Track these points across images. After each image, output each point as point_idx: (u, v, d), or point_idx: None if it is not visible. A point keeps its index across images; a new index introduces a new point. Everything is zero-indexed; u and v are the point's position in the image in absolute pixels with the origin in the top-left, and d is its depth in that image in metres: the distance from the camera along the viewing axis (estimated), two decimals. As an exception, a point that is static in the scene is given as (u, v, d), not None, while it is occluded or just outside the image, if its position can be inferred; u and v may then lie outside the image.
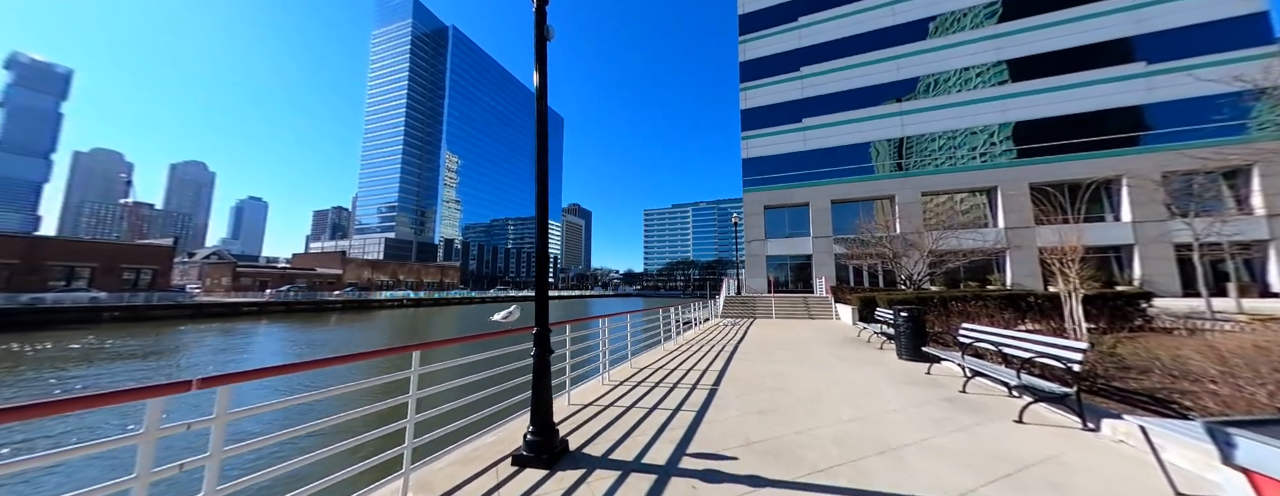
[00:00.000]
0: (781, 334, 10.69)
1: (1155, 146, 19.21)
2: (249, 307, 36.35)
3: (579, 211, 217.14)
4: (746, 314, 17.26)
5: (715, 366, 6.27)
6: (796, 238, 25.39)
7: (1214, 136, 18.55)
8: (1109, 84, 20.33)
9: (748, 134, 27.24)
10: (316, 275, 50.09)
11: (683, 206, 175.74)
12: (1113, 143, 20.27)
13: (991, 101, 22.14)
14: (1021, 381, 3.49)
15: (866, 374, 5.63)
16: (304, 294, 41.54)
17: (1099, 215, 20.75)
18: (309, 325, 28.80)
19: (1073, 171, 20.47)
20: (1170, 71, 19.41)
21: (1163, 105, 19.51)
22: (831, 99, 25.34)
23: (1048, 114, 21.12)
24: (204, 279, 43.73)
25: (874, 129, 24.26)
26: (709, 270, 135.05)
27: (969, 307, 8.59)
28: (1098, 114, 20.37)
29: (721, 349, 8.19)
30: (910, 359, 6.55)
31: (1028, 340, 3.98)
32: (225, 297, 38.46)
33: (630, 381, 5.29)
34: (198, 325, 27.65)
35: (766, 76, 27.20)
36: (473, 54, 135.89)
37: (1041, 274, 20.49)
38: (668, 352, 7.69)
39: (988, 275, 21.35)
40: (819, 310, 16.48)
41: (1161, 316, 8.87)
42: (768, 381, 5.19)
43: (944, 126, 22.84)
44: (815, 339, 9.56)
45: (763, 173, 26.44)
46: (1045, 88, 21.35)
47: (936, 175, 22.48)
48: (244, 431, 6.64)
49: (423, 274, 64.65)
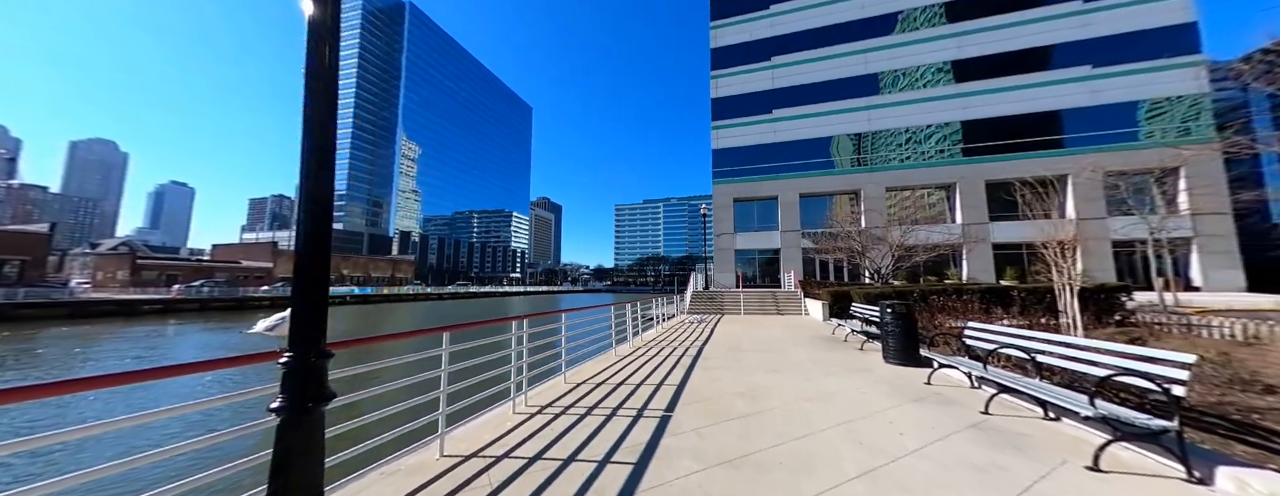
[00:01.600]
0: (751, 332, 9.65)
1: (1099, 147, 20.12)
2: (151, 306, 31.33)
3: (549, 205, 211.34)
4: (713, 310, 16.30)
5: (673, 378, 4.98)
6: (765, 231, 24.87)
7: (1149, 140, 19.66)
8: (1058, 86, 21.11)
9: (718, 124, 26.34)
10: (241, 269, 44.44)
11: (654, 202, 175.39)
12: (1062, 143, 21.09)
13: (953, 99, 22.48)
14: (1098, 411, 2.40)
15: (856, 386, 4.54)
16: (223, 290, 36.50)
17: (1046, 212, 21.57)
18: (222, 325, 24.89)
19: (1025, 169, 21.04)
20: (1111, 76, 20.37)
21: (1106, 108, 20.46)
22: (802, 90, 24.90)
23: (1004, 113, 21.68)
24: (96, 272, 37.38)
25: (842, 123, 24.07)
26: (680, 266, 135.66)
27: (950, 302, 7.88)
28: (1049, 114, 21.11)
29: (683, 352, 6.94)
30: (900, 362, 5.59)
31: (1083, 348, 2.95)
32: (120, 294, 32.94)
33: (556, 405, 3.87)
34: (78, 327, 23.14)
35: (738, 64, 26.36)
36: (433, 35, 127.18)
37: (995, 268, 21.10)
38: (619, 359, 6.33)
39: (945, 270, 21.73)
40: (788, 305, 15.79)
41: (1140, 310, 8.61)
42: (737, 403, 3.94)
43: (909, 122, 22.98)
44: (788, 338, 8.57)
45: (732, 164, 25.66)
46: (1001, 87, 21.90)
47: (901, 170, 22.61)
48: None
49: (371, 268, 59.51)
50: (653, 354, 6.83)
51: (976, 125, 22.17)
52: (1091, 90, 20.56)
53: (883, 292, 8.93)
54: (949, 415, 3.44)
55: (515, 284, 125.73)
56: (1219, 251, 18.07)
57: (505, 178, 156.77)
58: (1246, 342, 5.78)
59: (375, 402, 2.67)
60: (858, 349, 7.13)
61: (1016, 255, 21.29)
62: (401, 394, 2.82)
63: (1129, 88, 20.25)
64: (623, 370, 5.49)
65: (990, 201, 21.48)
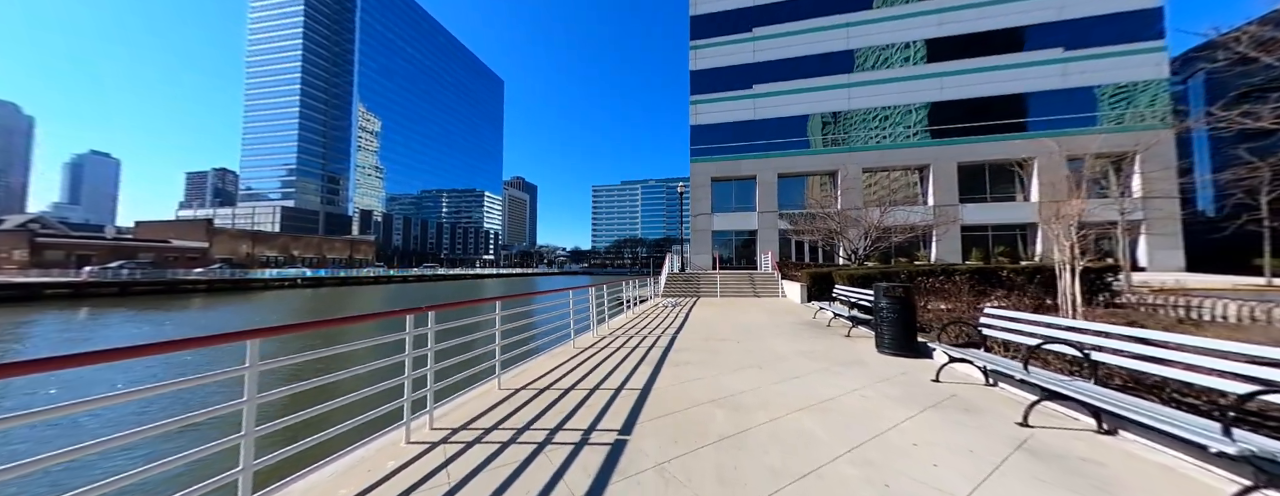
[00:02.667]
0: (728, 317, 8.93)
1: (1066, 130, 20.45)
2: (55, 290, 27.50)
3: (524, 186, 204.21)
4: (689, 292, 15.62)
5: (636, 380, 4.06)
6: (742, 212, 24.28)
7: (1114, 125, 20.10)
8: (1032, 67, 21.10)
9: (697, 98, 25.02)
10: (170, 249, 39.89)
11: (632, 184, 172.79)
12: (1031, 125, 21.31)
13: (929, 79, 22.14)
14: (1240, 448, 1.62)
15: (857, 387, 3.78)
16: (148, 272, 32.58)
17: (1011, 195, 22.07)
18: (139, 313, 21.94)
19: (996, 151, 21.30)
20: (1082, 59, 20.51)
21: (1075, 91, 20.69)
22: (783, 65, 23.86)
23: (978, 94, 21.59)
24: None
25: (822, 100, 23.36)
26: (657, 248, 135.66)
27: (940, 284, 7.36)
28: (1021, 96, 21.18)
29: (653, 343, 6.06)
30: (896, 352, 4.92)
31: (1165, 345, 2.20)
32: (16, 277, 28.67)
33: (477, 425, 2.86)
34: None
35: (719, 34, 24.87)
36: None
37: (962, 250, 21.50)
38: (576, 353, 5.36)
39: (915, 252, 21.99)
40: (765, 287, 15.31)
41: (1127, 291, 8.45)
42: (715, 416, 3.07)
43: (888, 101, 22.55)
44: (768, 324, 7.87)
45: (711, 142, 24.62)
46: (976, 67, 21.71)
47: (878, 151, 22.33)
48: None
49: (326, 248, 55.28)
50: (617, 346, 5.90)
51: (950, 106, 22.04)
52: (1062, 73, 20.68)
53: (866, 274, 8.35)
54: (983, 430, 2.69)
55: (488, 266, 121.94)
56: (1165, 233, 19.00)
57: (476, 156, 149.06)
58: (1248, 324, 5.49)
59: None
60: (844, 336, 6.48)
61: (982, 237, 21.79)
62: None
63: (1098, 71, 20.50)
64: (576, 369, 4.52)
65: (960, 183, 21.69)
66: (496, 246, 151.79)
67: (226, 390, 7.21)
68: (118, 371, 8.76)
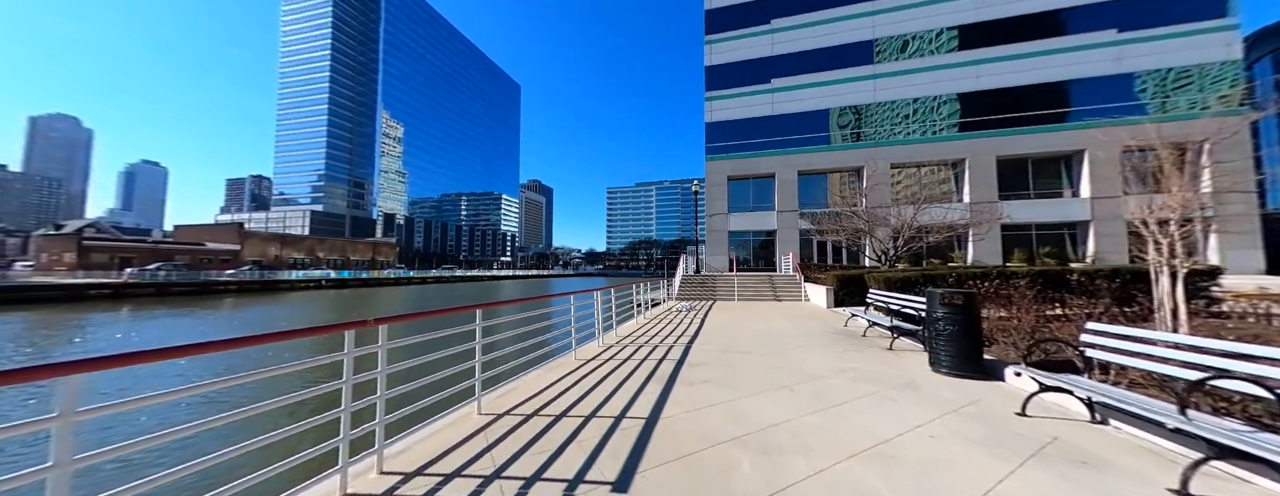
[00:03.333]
0: (748, 323, 8.15)
1: (1120, 119, 18.64)
2: (98, 290, 28.96)
3: (540, 188, 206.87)
4: (705, 295, 14.85)
5: (642, 405, 3.40)
6: (761, 211, 23.29)
7: (1177, 112, 18.20)
8: (1080, 52, 19.37)
9: (712, 94, 24.21)
10: (204, 251, 41.72)
11: (647, 185, 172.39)
12: (1078, 114, 19.56)
13: (964, 67, 20.65)
14: None
15: (920, 420, 3.01)
16: (183, 273, 34.05)
17: (1056, 191, 20.32)
18: (178, 311, 22.73)
19: (1041, 144, 19.66)
20: (1139, 42, 18.68)
21: (1129, 77, 18.87)
22: (803, 57, 22.78)
23: (1019, 82, 19.98)
24: (41, 255, 34.52)
25: (846, 93, 22.16)
26: (672, 249, 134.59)
27: (995, 288, 6.40)
28: (1067, 84, 19.47)
29: (664, 355, 5.38)
30: (956, 372, 4.09)
31: None
32: (65, 278, 30.40)
33: (442, 465, 2.27)
34: (7, 314, 20.88)
35: (735, 28, 24.00)
36: (412, 4, 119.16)
37: (1002, 251, 19.91)
38: (577, 366, 4.75)
39: (950, 252, 20.51)
40: (786, 291, 14.38)
41: (1228, 298, 7.25)
42: (739, 462, 2.38)
43: (917, 92, 21.17)
44: (795, 333, 7.07)
45: (727, 139, 23.74)
46: (1017, 54, 20.10)
47: (907, 145, 20.95)
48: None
49: (350, 250, 56.91)
50: (624, 357, 5.25)
51: (987, 96, 20.48)
52: (1116, 57, 18.89)
53: (906, 277, 7.42)
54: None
55: (505, 267, 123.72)
56: (1241, 231, 16.99)
57: (494, 159, 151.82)
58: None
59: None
60: (885, 348, 5.64)
61: (1024, 236, 20.12)
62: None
63: (1158, 54, 18.63)
64: (573, 388, 3.90)
65: (999, 179, 20.10)
66: (513, 248, 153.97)
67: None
68: (155, 370, 8.45)
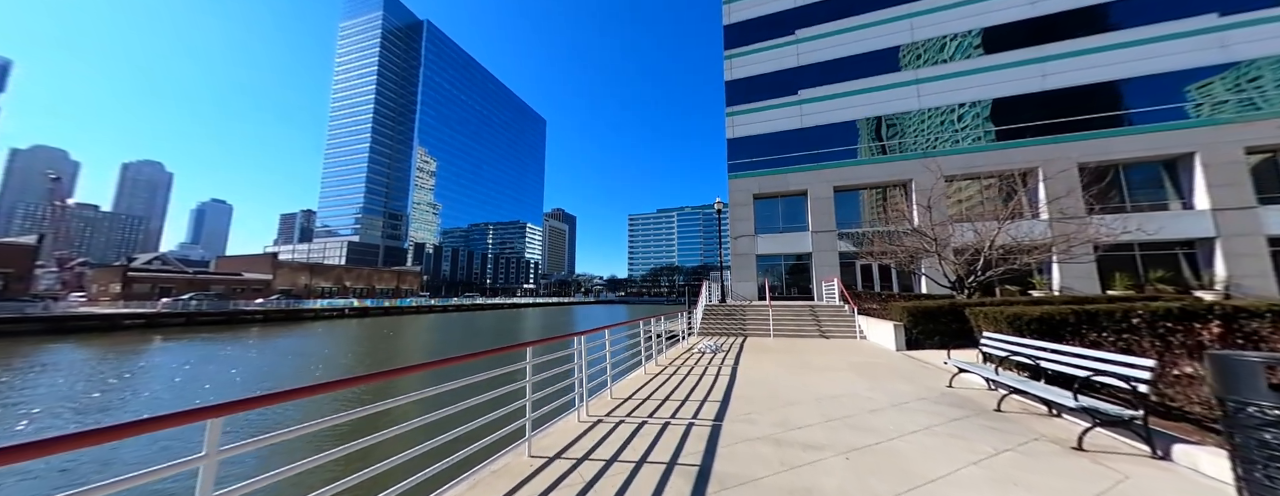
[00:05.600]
0: (800, 377, 5.85)
1: (1246, 113, 15.48)
2: (132, 320, 29.67)
3: (563, 216, 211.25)
4: (732, 329, 12.46)
5: None
6: (793, 232, 20.90)
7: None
8: (1171, 41, 16.65)
9: (734, 109, 22.80)
10: (239, 281, 43.14)
11: (668, 211, 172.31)
12: (1172, 113, 16.50)
13: (1028, 66, 18.26)
14: None
15: None
16: (213, 303, 34.81)
17: (1161, 203, 16.89)
18: (190, 339, 22.31)
19: (1136, 148, 16.61)
20: (1248, 24, 15.82)
21: (1235, 66, 15.86)
22: (833, 66, 21.16)
23: (1094, 79, 17.30)
24: (92, 286, 36.51)
25: (884, 100, 20.12)
26: (694, 275, 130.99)
27: (1190, 330, 3.90)
28: (1157, 78, 16.62)
29: (677, 446, 3.24)
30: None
31: None
32: (105, 309, 31.55)
33: None
34: (46, 344, 21.13)
35: (756, 41, 22.91)
36: (448, 50, 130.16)
37: (1099, 275, 16.41)
38: (535, 466, 2.71)
39: (1028, 278, 17.18)
40: (834, 325, 11.79)
41: None
42: None
43: (968, 96, 18.83)
44: (875, 396, 4.73)
45: (752, 155, 21.97)
46: (1092, 48, 17.58)
47: (965, 154, 18.33)
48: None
49: (375, 279, 57.87)
50: (612, 450, 3.16)
51: (1057, 97, 17.84)
52: (1220, 43, 16.03)
53: (1049, 316, 4.92)
54: None
55: (529, 295, 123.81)
56: None
57: (519, 190, 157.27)
58: None
59: None
60: (1072, 447, 3.25)
61: (1125, 257, 16.58)
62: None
63: (1270, 39, 15.65)
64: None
65: (1085, 190, 16.96)
66: (537, 275, 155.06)
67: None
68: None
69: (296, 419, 8.13)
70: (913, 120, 19.92)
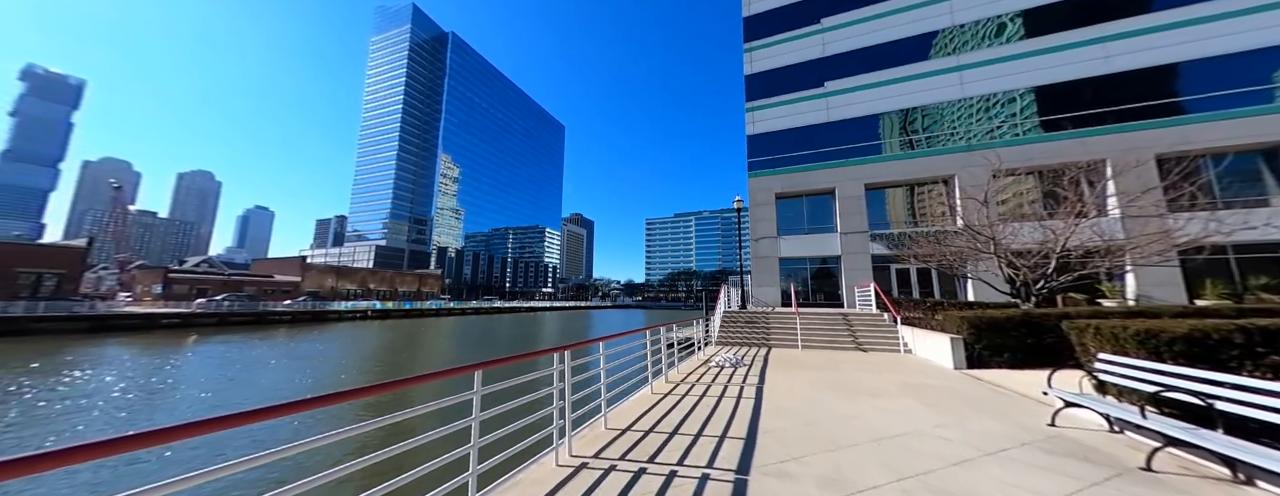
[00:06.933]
0: (844, 407, 4.69)
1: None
2: (169, 320, 30.93)
3: (581, 221, 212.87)
4: (754, 339, 11.25)
5: None
6: (819, 234, 19.41)
7: None
8: (1267, 12, 14.43)
9: (754, 104, 21.61)
10: (271, 282, 44.77)
11: (686, 215, 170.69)
12: (1259, 96, 14.23)
13: (1087, 46, 16.31)
14: None
15: None
16: (244, 303, 36.07)
17: (1260, 197, 14.56)
18: (222, 340, 22.82)
19: (1226, 135, 14.43)
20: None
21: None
22: (863, 55, 19.69)
23: (1178, 57, 15.19)
24: (136, 286, 38.61)
25: (921, 90, 18.49)
26: (712, 280, 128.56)
27: None
28: (1261, 53, 14.40)
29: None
30: None
31: None
32: (147, 308, 33.11)
33: None
34: (87, 344, 21.99)
35: (778, 32, 21.71)
36: (471, 60, 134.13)
37: (1184, 283, 14.23)
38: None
39: (1095, 285, 15.11)
40: (873, 337, 10.41)
41: None
42: None
43: (1019, 82, 16.99)
44: (949, 437, 3.55)
45: (774, 152, 20.68)
46: (1172, 23, 15.49)
47: (1020, 145, 16.44)
48: None
49: (398, 282, 59.16)
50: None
51: (1121, 81, 15.80)
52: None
53: (1201, 331, 3.62)
54: None
55: (547, 298, 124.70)
56: None
57: (539, 195, 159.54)
58: None
59: None
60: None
61: (1219, 262, 14.31)
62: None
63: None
64: None
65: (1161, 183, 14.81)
66: (555, 279, 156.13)
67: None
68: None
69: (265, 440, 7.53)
70: (952, 111, 18.20)
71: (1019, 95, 17.13)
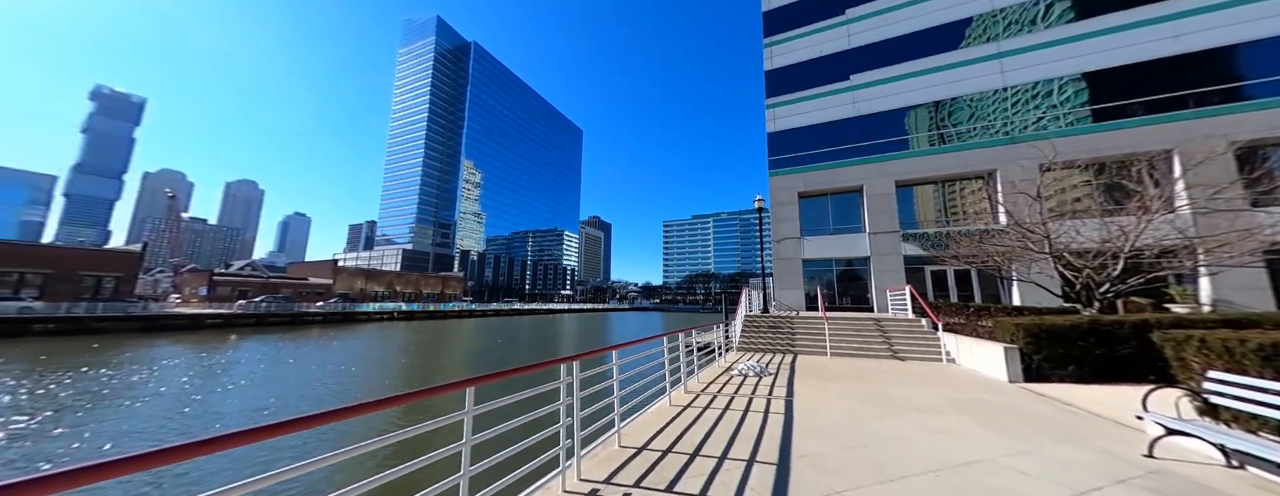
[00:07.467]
0: (884, 417, 4.15)
1: None
2: (213, 320, 32.78)
3: (598, 224, 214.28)
4: (778, 345, 10.66)
5: None
6: (845, 234, 18.49)
7: None
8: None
9: (775, 100, 20.90)
10: (305, 285, 46.91)
11: (703, 218, 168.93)
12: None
13: (1149, 26, 14.84)
14: None
15: None
16: (280, 305, 37.86)
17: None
18: (261, 338, 23.95)
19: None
20: None
21: None
22: (893, 45, 18.71)
23: (1262, 34, 13.60)
24: (184, 288, 41.25)
25: (957, 79, 17.35)
26: (731, 283, 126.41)
27: None
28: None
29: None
30: None
31: None
32: (193, 309, 35.23)
33: None
34: (141, 342, 23.51)
35: (800, 25, 20.96)
36: (492, 68, 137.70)
37: (1271, 286, 12.65)
38: None
39: (1164, 289, 13.62)
40: (909, 344, 9.63)
41: None
42: None
43: (1071, 67, 15.64)
44: (1040, 474, 3.00)
45: (796, 149, 19.90)
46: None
47: (1069, 136, 15.09)
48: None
49: (422, 284, 60.93)
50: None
51: (1200, 59, 14.25)
52: None
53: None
54: None
55: (565, 300, 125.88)
56: None
57: (557, 198, 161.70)
58: None
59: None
60: None
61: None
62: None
63: None
64: None
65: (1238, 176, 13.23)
66: (573, 281, 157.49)
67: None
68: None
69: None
70: (991, 102, 16.99)
71: (1069, 82, 15.78)
